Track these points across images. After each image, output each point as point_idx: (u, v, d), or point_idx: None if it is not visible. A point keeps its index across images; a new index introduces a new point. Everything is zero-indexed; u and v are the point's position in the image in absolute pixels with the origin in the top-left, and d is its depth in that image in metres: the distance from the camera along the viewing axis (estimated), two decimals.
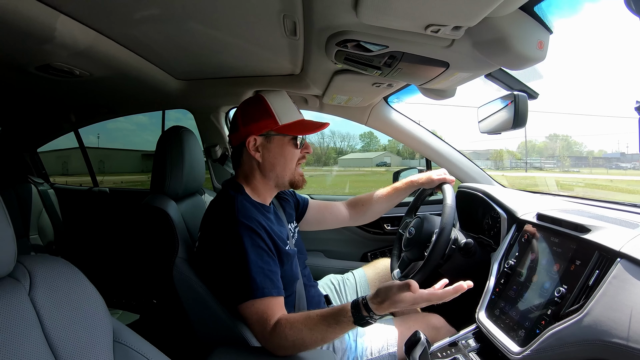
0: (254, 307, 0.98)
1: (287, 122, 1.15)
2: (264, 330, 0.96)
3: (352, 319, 0.91)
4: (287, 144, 1.15)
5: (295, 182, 1.19)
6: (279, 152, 1.15)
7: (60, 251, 2.56)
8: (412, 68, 1.15)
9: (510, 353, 0.89)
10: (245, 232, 1.02)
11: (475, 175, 1.84)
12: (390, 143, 32.14)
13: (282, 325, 0.95)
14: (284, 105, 1.17)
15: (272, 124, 1.14)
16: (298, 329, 0.94)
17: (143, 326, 2.20)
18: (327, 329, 0.93)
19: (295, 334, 0.93)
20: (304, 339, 0.93)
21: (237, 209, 1.06)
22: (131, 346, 0.69)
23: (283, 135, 1.15)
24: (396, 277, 1.39)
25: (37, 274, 0.61)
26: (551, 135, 54.26)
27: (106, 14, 1.01)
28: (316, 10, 0.92)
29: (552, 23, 0.93)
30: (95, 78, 1.46)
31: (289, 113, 1.17)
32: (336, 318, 0.93)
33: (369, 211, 1.56)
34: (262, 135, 1.14)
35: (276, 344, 0.96)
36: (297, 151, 1.17)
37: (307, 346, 0.95)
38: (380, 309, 0.89)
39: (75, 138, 2.65)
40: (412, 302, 0.88)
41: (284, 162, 1.16)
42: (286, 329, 0.94)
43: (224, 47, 1.29)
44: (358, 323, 0.91)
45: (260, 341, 1.00)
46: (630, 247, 0.77)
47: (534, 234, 1.07)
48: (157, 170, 1.32)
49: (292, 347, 0.95)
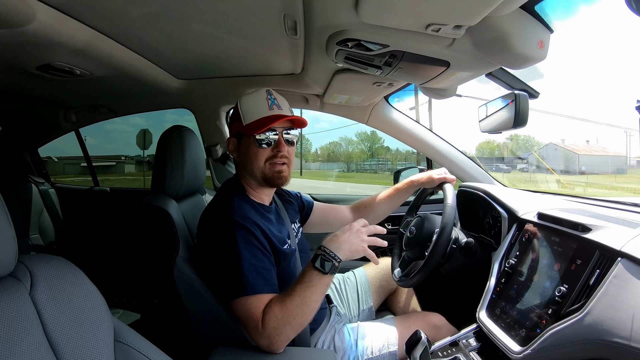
0: (246, 304, 0.99)
1: (250, 121, 1.14)
2: (256, 325, 0.97)
3: (316, 268, 0.99)
4: (252, 144, 1.14)
5: (269, 179, 1.16)
6: (245, 152, 1.16)
7: (61, 251, 2.56)
8: (413, 67, 1.15)
9: (511, 352, 0.89)
10: (240, 230, 1.03)
11: (476, 174, 1.83)
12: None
13: (267, 310, 0.98)
14: (253, 104, 1.16)
15: (239, 124, 1.16)
16: (281, 302, 0.98)
17: (144, 326, 2.20)
18: (303, 291, 0.98)
19: (281, 310, 0.96)
20: (289, 310, 0.96)
21: (233, 208, 1.07)
22: (132, 345, 0.69)
23: (247, 135, 1.15)
24: (397, 277, 1.39)
25: (38, 274, 0.61)
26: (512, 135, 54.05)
27: (107, 13, 1.01)
28: (317, 9, 0.92)
29: (553, 22, 0.93)
30: (96, 78, 1.46)
31: (254, 111, 1.15)
32: (305, 275, 1.00)
33: (373, 214, 1.56)
34: (235, 136, 1.19)
35: (270, 329, 0.96)
36: (262, 150, 1.14)
37: (295, 316, 0.97)
38: (331, 243, 1.02)
39: (76, 138, 2.66)
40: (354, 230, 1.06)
41: (251, 162, 1.15)
42: (272, 309, 0.97)
43: (225, 46, 1.29)
44: (322, 267, 0.98)
45: (254, 337, 1.00)
46: (631, 247, 0.77)
47: (534, 234, 1.07)
48: (158, 169, 1.32)
49: (284, 324, 0.96)
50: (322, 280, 0.99)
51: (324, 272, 0.99)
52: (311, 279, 0.99)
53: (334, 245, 1.02)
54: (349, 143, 54.13)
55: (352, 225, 1.08)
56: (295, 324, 0.98)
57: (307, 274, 1.00)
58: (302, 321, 0.98)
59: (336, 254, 1.00)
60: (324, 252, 1.00)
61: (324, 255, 1.00)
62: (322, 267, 0.99)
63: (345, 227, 1.07)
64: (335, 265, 1.00)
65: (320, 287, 0.99)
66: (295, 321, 0.97)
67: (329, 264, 0.99)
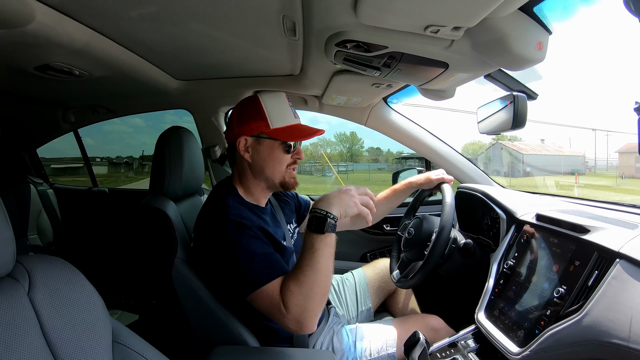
0: (262, 295, 0.97)
1: (279, 126, 1.13)
2: (280, 309, 0.95)
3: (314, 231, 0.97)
4: (277, 149, 1.14)
5: (286, 184, 1.18)
6: (267, 155, 1.14)
7: (59, 251, 2.55)
8: (412, 68, 1.15)
9: (509, 353, 0.89)
10: (238, 227, 1.02)
11: (474, 175, 1.84)
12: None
13: (284, 290, 0.95)
14: (279, 108, 1.15)
15: (263, 126, 1.13)
16: (294, 279, 0.95)
17: (142, 326, 2.20)
18: (310, 259, 0.95)
19: (296, 285, 0.94)
20: (304, 283, 0.94)
21: (228, 207, 1.07)
22: (130, 346, 0.69)
23: (273, 139, 1.14)
24: (396, 278, 1.39)
25: (36, 274, 0.61)
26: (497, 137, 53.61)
27: (104, 12, 1.01)
28: (316, 10, 0.92)
29: (551, 24, 0.93)
30: (95, 78, 1.46)
31: (283, 117, 1.15)
32: (306, 244, 0.98)
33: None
34: (253, 136, 1.14)
35: (294, 310, 0.93)
36: (287, 156, 1.15)
37: (312, 287, 0.94)
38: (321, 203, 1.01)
39: (75, 138, 2.65)
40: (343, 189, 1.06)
41: (272, 166, 1.15)
42: (288, 287, 0.95)
43: (224, 47, 1.29)
44: (319, 228, 0.97)
45: (282, 322, 0.96)
46: (629, 248, 0.77)
47: (533, 235, 1.07)
48: (157, 170, 1.32)
49: (305, 298, 0.93)
50: (325, 241, 0.97)
51: (322, 232, 0.97)
52: (313, 244, 0.96)
53: (324, 204, 1.00)
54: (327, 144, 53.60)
55: (341, 187, 1.08)
56: (315, 294, 0.94)
57: (308, 242, 0.98)
58: (320, 290, 0.95)
59: (328, 211, 0.98)
60: (315, 212, 0.99)
61: (317, 215, 0.98)
62: (319, 228, 0.97)
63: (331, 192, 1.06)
64: (331, 222, 0.98)
65: (325, 249, 0.97)
66: (314, 292, 0.94)
67: (324, 222, 0.97)
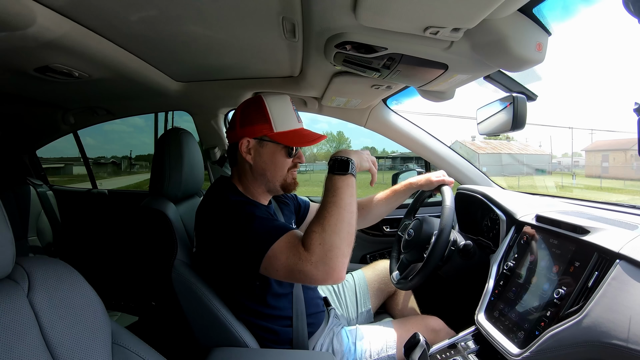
0: (277, 250, 0.94)
1: (283, 130, 1.13)
2: (300, 255, 0.92)
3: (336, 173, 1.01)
4: (279, 153, 1.14)
5: (287, 186, 1.19)
6: (269, 158, 1.14)
7: (58, 253, 2.55)
8: (411, 70, 1.15)
9: (509, 355, 0.89)
10: (243, 205, 1.05)
11: (474, 177, 1.84)
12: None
13: (305, 237, 0.94)
14: (283, 112, 1.15)
15: (267, 129, 1.13)
16: (315, 222, 0.96)
17: (142, 328, 2.20)
18: (332, 196, 0.98)
19: (318, 224, 0.94)
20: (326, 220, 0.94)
21: (230, 196, 1.10)
22: (130, 348, 0.69)
23: (276, 143, 1.14)
24: (395, 279, 1.39)
25: (36, 276, 0.61)
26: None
27: (105, 15, 1.01)
28: (315, 12, 0.92)
29: (551, 25, 0.94)
30: (94, 80, 1.46)
31: (287, 121, 1.15)
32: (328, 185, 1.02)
33: (369, 215, 1.56)
34: (256, 138, 1.14)
35: (318, 253, 0.91)
36: (288, 160, 1.16)
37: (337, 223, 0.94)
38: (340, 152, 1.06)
39: (74, 140, 2.65)
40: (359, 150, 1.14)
41: (274, 169, 1.15)
42: (310, 230, 0.94)
43: (223, 49, 1.29)
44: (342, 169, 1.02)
45: (307, 268, 0.91)
46: (629, 249, 0.77)
47: (533, 236, 1.07)
48: (156, 172, 1.32)
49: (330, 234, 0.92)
50: (346, 181, 1.00)
51: (345, 173, 1.01)
52: (335, 183, 0.99)
53: (343, 153, 1.06)
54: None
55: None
56: (341, 231, 0.93)
57: (330, 183, 1.01)
58: (346, 227, 0.94)
59: (349, 156, 1.04)
60: (337, 157, 1.04)
61: (339, 159, 1.03)
62: (342, 168, 1.01)
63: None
64: (353, 164, 1.03)
65: (347, 188, 0.99)
66: (339, 228, 0.93)
67: (347, 164, 1.02)
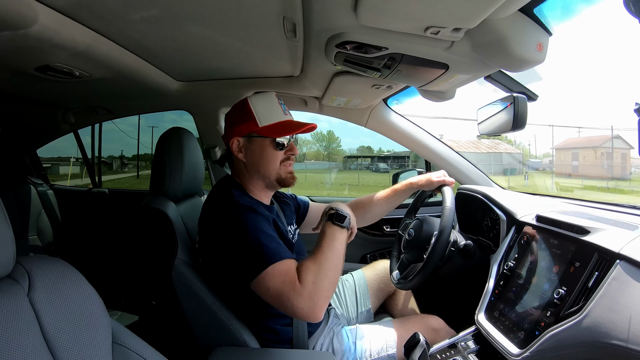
0: (276, 272, 0.97)
1: (268, 123, 1.15)
2: (294, 286, 0.95)
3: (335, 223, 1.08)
4: (268, 146, 1.15)
5: (282, 180, 1.19)
6: (259, 153, 1.16)
7: (59, 252, 2.55)
8: (412, 70, 1.15)
9: (509, 355, 0.89)
10: (248, 212, 1.04)
11: (475, 177, 1.84)
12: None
13: (301, 268, 0.99)
14: (267, 107, 1.17)
15: (252, 125, 1.15)
16: (313, 259, 1.01)
17: (142, 327, 2.19)
18: (330, 244, 1.04)
19: (315, 264, 0.99)
20: (323, 263, 1.00)
21: (235, 196, 1.09)
22: (130, 347, 0.69)
23: (263, 137, 1.15)
24: (395, 279, 1.39)
25: (36, 275, 0.61)
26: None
27: (106, 15, 1.01)
28: (316, 11, 0.92)
29: (552, 25, 0.93)
30: (95, 79, 1.46)
31: (271, 114, 1.16)
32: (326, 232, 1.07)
33: (369, 214, 1.56)
34: (244, 136, 1.16)
35: (310, 288, 0.95)
36: (278, 152, 1.17)
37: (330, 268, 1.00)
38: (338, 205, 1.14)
39: (75, 139, 2.65)
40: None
41: (265, 163, 1.16)
42: (307, 265, 0.99)
43: (224, 48, 1.29)
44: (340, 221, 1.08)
45: (294, 299, 0.94)
46: (629, 249, 0.77)
47: (533, 236, 1.07)
48: (157, 171, 1.32)
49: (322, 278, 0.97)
50: (343, 234, 1.08)
51: (342, 226, 1.08)
52: (333, 233, 1.06)
53: (341, 207, 1.13)
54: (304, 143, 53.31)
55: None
56: (332, 277, 1.00)
57: (329, 230, 1.07)
58: (335, 275, 1.01)
59: (346, 212, 1.11)
60: (336, 210, 1.10)
61: (340, 213, 1.09)
62: (340, 220, 1.08)
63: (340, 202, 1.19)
64: (349, 220, 1.10)
65: (343, 241, 1.07)
66: (331, 274, 0.99)
67: (345, 218, 1.09)
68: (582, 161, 27.01)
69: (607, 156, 25.58)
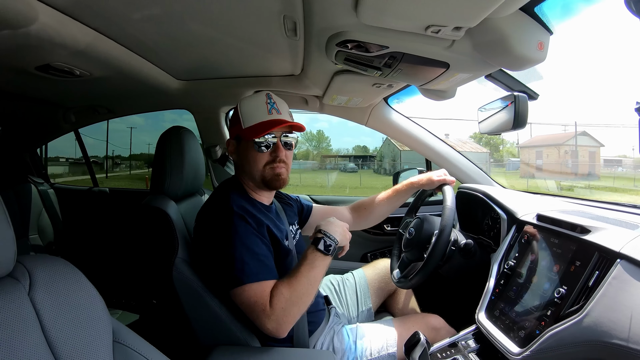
0: (251, 290, 1.00)
1: (249, 125, 1.15)
2: (264, 309, 0.99)
3: (319, 250, 1.05)
4: (250, 148, 1.15)
5: (268, 182, 1.17)
6: (244, 155, 1.18)
7: (60, 251, 2.56)
8: (413, 69, 1.15)
9: (510, 354, 0.89)
10: (239, 220, 1.05)
11: (475, 176, 1.84)
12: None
13: (275, 292, 1.00)
14: (251, 108, 1.17)
15: (238, 128, 1.16)
16: (287, 283, 1.01)
17: (143, 326, 2.20)
18: (308, 271, 1.03)
19: (288, 291, 1.00)
20: (297, 291, 1.00)
21: (231, 200, 1.09)
22: (131, 346, 0.69)
23: (246, 139, 1.16)
24: (396, 278, 1.39)
25: (37, 274, 0.61)
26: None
27: (106, 13, 1.01)
28: (316, 10, 0.92)
29: (552, 24, 0.93)
30: (96, 78, 1.46)
31: (253, 115, 1.16)
32: (308, 257, 1.04)
33: (372, 215, 1.56)
34: (234, 139, 1.20)
35: (279, 310, 0.98)
36: (259, 154, 1.15)
37: (302, 296, 1.01)
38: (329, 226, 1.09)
39: (75, 138, 2.66)
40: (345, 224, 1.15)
41: (248, 165, 1.17)
42: (280, 291, 1.00)
43: (225, 47, 1.29)
44: (325, 250, 1.05)
45: (261, 321, 0.99)
46: (630, 248, 0.77)
47: (534, 235, 1.07)
48: (157, 170, 1.32)
49: (291, 305, 0.99)
50: (325, 262, 1.05)
51: (327, 254, 1.05)
52: (314, 260, 1.04)
53: (332, 229, 1.09)
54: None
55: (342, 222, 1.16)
56: (302, 304, 1.01)
57: (310, 256, 1.04)
58: (307, 301, 1.03)
59: (335, 237, 1.07)
60: (324, 235, 1.06)
61: (327, 238, 1.06)
62: (325, 249, 1.05)
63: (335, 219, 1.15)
64: (335, 247, 1.07)
65: (323, 268, 1.05)
66: (302, 301, 1.01)
67: (330, 246, 1.05)
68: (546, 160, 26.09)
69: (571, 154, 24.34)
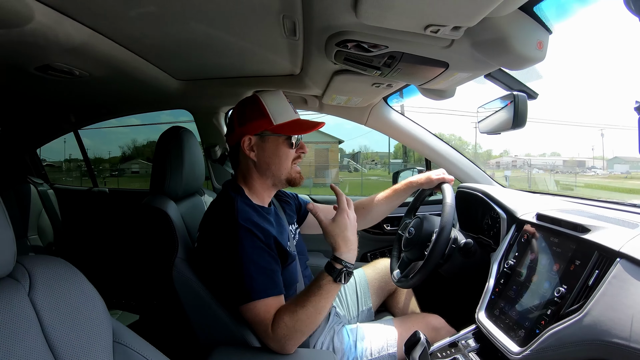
0: (256, 309, 1.00)
1: (282, 121, 1.15)
2: (267, 330, 0.98)
3: (330, 276, 1.00)
4: (282, 144, 1.15)
5: (292, 179, 1.19)
6: (273, 151, 1.15)
7: (59, 252, 2.56)
8: (412, 68, 1.15)
9: (510, 353, 0.89)
10: (246, 234, 1.03)
11: (475, 175, 1.84)
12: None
13: (277, 318, 0.99)
14: (279, 105, 1.17)
15: (266, 123, 1.14)
16: (292, 311, 0.99)
17: (143, 327, 2.20)
18: (318, 301, 0.99)
19: (292, 317, 0.98)
20: (300, 318, 0.98)
21: (237, 211, 1.06)
22: (131, 347, 0.69)
23: (278, 135, 1.15)
24: (396, 278, 1.39)
25: (37, 275, 0.61)
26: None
27: (103, 12, 1.01)
28: (316, 10, 0.92)
29: (552, 23, 0.93)
30: (95, 78, 1.46)
31: (284, 113, 1.16)
32: (318, 284, 1.01)
33: (370, 215, 1.56)
34: (257, 135, 1.15)
35: (280, 336, 0.98)
36: (291, 151, 1.17)
37: (306, 324, 0.99)
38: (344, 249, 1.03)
39: (75, 138, 2.66)
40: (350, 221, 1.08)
41: (278, 162, 1.16)
42: (283, 316, 0.98)
43: (224, 47, 1.29)
44: (337, 277, 1.00)
45: (265, 340, 1.01)
46: (629, 247, 0.77)
47: (533, 234, 1.07)
48: (157, 170, 1.32)
49: (295, 331, 0.98)
50: (336, 288, 1.02)
51: (341, 282, 1.01)
52: (323, 286, 1.00)
53: (350, 256, 1.04)
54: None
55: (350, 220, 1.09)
56: (307, 330, 1.01)
57: (325, 286, 1.00)
58: (313, 327, 1.01)
59: (351, 265, 1.03)
60: (346, 267, 1.01)
61: (345, 267, 1.01)
62: (338, 278, 1.00)
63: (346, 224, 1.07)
64: (349, 277, 1.03)
65: (332, 294, 1.02)
66: (307, 329, 1.00)
67: (347, 276, 1.02)
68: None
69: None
